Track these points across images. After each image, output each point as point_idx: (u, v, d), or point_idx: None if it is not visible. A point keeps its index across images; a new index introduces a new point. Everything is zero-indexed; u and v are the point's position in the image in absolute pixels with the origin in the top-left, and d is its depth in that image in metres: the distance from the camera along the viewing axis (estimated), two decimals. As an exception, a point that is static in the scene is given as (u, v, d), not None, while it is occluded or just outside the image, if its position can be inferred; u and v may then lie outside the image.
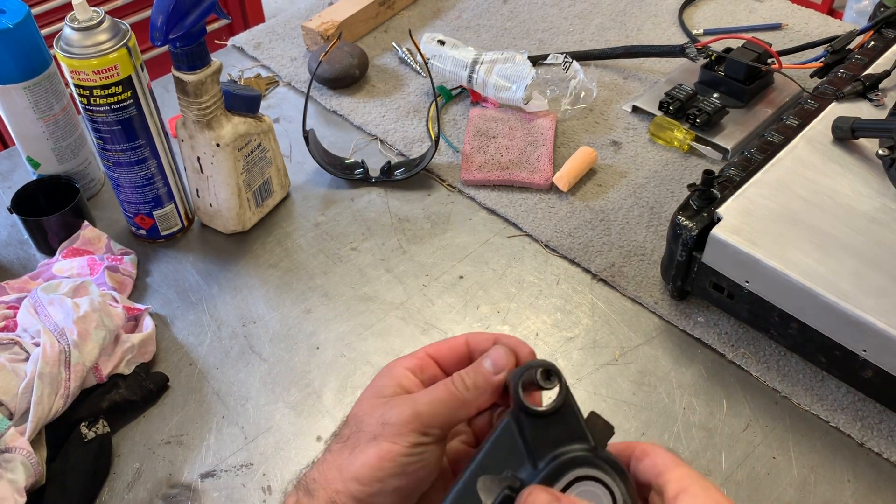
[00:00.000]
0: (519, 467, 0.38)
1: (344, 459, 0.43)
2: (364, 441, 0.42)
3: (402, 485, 0.42)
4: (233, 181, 0.81)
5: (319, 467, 0.44)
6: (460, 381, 0.43)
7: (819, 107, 0.82)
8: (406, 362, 0.46)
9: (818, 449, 0.67)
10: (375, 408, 0.44)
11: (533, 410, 0.38)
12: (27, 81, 0.79)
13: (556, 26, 1.14)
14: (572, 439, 0.38)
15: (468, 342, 0.46)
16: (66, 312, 0.69)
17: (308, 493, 0.43)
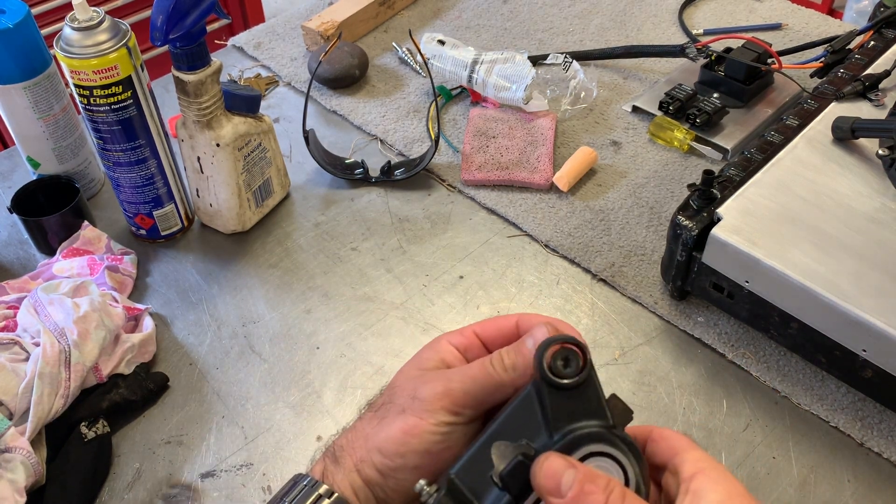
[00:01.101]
0: (535, 437, 0.38)
1: (371, 429, 0.42)
2: (393, 413, 0.42)
3: (424, 463, 0.41)
4: (233, 181, 0.81)
5: (348, 435, 0.43)
6: (499, 361, 0.42)
7: (819, 107, 0.82)
8: (453, 338, 0.45)
9: (818, 449, 0.67)
10: (411, 380, 0.43)
11: (555, 382, 0.38)
12: (27, 81, 0.79)
13: (556, 26, 1.14)
14: (591, 415, 0.38)
15: (519, 323, 0.45)
16: (66, 312, 0.69)
17: (334, 460, 0.42)
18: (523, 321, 0.45)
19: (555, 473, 0.35)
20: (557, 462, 0.36)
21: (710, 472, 0.38)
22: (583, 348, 0.39)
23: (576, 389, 0.38)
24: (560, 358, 0.38)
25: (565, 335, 0.39)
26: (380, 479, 0.42)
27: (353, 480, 0.42)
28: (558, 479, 0.35)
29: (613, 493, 0.35)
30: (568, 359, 0.38)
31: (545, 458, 0.36)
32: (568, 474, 0.35)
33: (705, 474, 0.38)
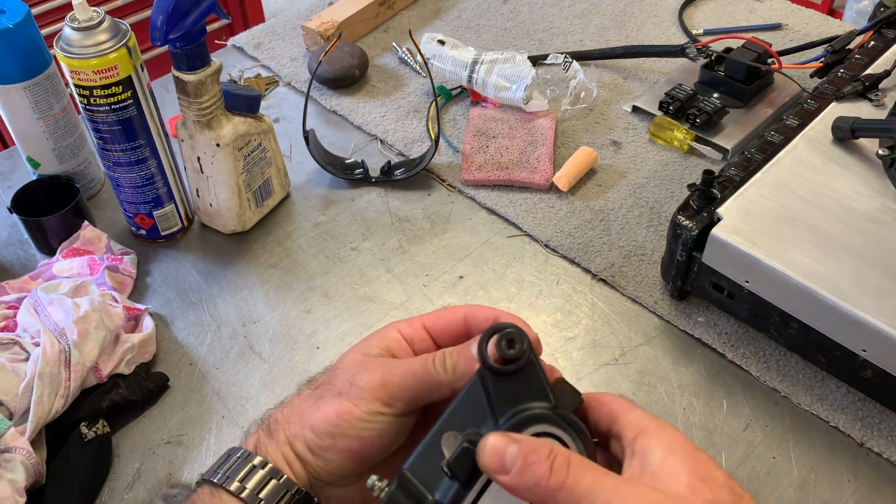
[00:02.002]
0: (482, 425, 0.39)
1: (308, 406, 0.43)
2: (330, 394, 0.42)
3: (353, 447, 0.42)
4: (233, 181, 0.81)
5: (284, 410, 0.44)
6: (441, 361, 0.42)
7: (819, 107, 0.82)
8: (402, 328, 0.46)
9: (818, 449, 0.67)
10: (353, 364, 0.44)
11: (496, 369, 0.39)
12: (27, 81, 0.79)
13: (556, 26, 1.14)
14: (534, 398, 0.39)
15: (466, 317, 0.45)
16: (66, 312, 0.69)
17: (268, 433, 0.43)
18: (471, 316, 0.45)
19: (498, 450, 0.36)
20: (499, 439, 0.36)
21: (650, 430, 0.38)
22: (521, 335, 0.39)
23: (518, 374, 0.39)
24: (503, 341, 0.39)
25: (505, 323, 0.40)
26: (310, 457, 0.42)
27: (286, 453, 0.42)
28: (502, 456, 0.35)
29: (557, 459, 0.35)
30: (511, 340, 0.39)
31: (486, 437, 0.36)
32: (511, 449, 0.35)
33: (646, 433, 0.38)
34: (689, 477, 0.36)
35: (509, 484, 0.35)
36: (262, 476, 0.42)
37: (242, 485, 0.42)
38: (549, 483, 0.35)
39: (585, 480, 0.35)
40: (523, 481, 0.35)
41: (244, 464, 0.42)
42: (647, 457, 0.37)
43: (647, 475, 0.36)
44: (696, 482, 0.35)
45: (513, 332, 0.39)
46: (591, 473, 0.35)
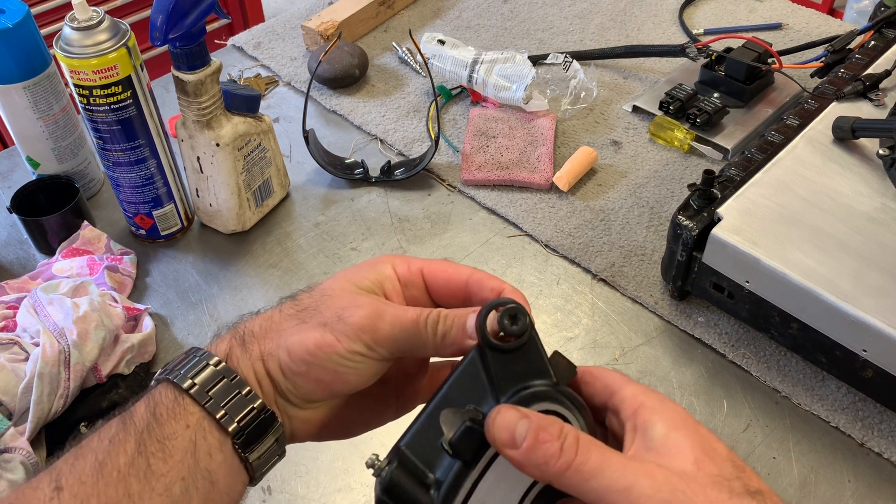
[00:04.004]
0: (482, 402, 0.38)
1: (288, 327, 0.42)
2: (314, 322, 0.41)
3: (326, 379, 0.41)
4: (232, 181, 0.81)
5: (262, 322, 0.43)
6: (433, 323, 0.41)
7: (819, 107, 0.82)
8: (399, 266, 0.44)
9: (819, 449, 0.67)
10: (344, 295, 0.42)
11: (497, 346, 0.38)
12: (27, 81, 0.79)
13: (556, 26, 1.14)
14: (535, 375, 0.38)
15: (469, 282, 0.44)
16: (66, 312, 0.69)
17: (242, 344, 0.42)
18: (475, 281, 0.44)
19: (508, 425, 0.35)
20: (510, 414, 0.36)
21: (650, 404, 0.38)
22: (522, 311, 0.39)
23: (518, 351, 0.38)
24: (506, 317, 0.38)
25: (505, 299, 0.39)
26: (280, 377, 0.41)
27: (258, 369, 0.41)
28: (512, 431, 0.35)
29: (567, 438, 0.35)
30: (514, 317, 0.38)
31: (497, 411, 0.36)
32: (521, 424, 0.35)
33: (646, 407, 0.37)
34: (694, 452, 0.35)
35: (518, 459, 0.35)
36: (228, 388, 0.40)
37: (208, 395, 0.40)
38: (560, 462, 0.34)
39: (593, 459, 0.34)
40: (533, 458, 0.35)
41: (217, 376, 0.40)
42: (648, 431, 0.36)
43: (652, 452, 0.36)
44: (702, 457, 0.35)
45: (515, 308, 0.38)
46: (598, 452, 0.35)
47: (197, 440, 0.38)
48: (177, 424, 0.38)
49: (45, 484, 0.36)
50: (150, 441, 0.38)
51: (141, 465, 0.37)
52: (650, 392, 0.38)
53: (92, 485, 0.36)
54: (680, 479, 0.34)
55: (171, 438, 0.38)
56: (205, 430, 0.39)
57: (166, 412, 0.39)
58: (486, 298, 0.43)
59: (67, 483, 0.36)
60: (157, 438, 0.38)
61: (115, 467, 0.36)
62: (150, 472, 0.37)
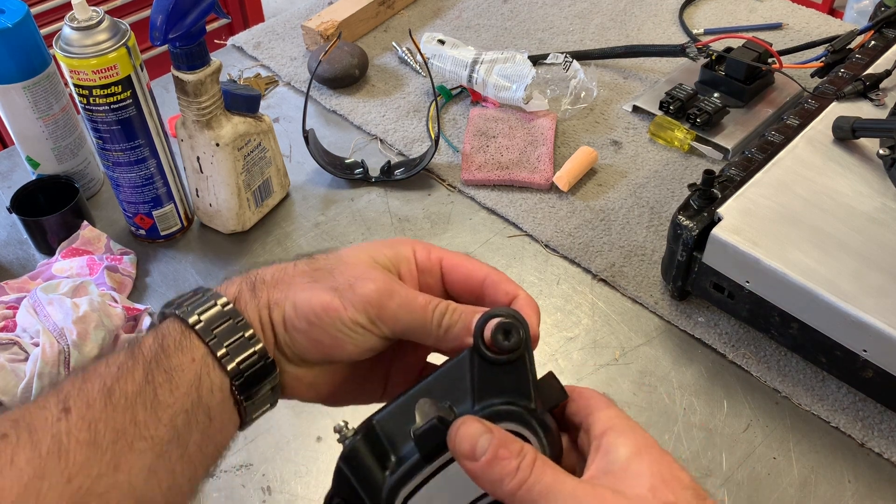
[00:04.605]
0: (460, 402, 0.39)
1: (300, 282, 0.42)
2: (325, 284, 0.41)
3: (324, 342, 0.41)
4: (232, 181, 0.81)
5: (275, 272, 0.43)
6: (440, 314, 0.41)
7: (819, 106, 0.82)
8: (419, 251, 0.44)
9: (819, 449, 0.67)
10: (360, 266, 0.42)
11: (486, 356, 0.39)
12: (26, 81, 0.79)
13: (556, 26, 1.14)
14: (516, 394, 0.38)
15: (486, 282, 0.44)
16: (66, 312, 0.69)
17: (252, 289, 0.42)
18: (491, 283, 0.43)
19: (471, 437, 0.36)
20: (475, 426, 0.36)
21: (619, 428, 0.38)
22: (524, 327, 0.38)
23: (505, 366, 0.38)
24: (500, 331, 0.38)
25: (508, 311, 0.39)
26: (281, 330, 0.41)
27: (263, 317, 0.41)
28: (474, 443, 0.35)
29: (525, 458, 0.35)
30: (508, 332, 0.38)
31: (462, 421, 0.36)
32: (483, 438, 0.35)
33: (615, 430, 0.38)
34: (652, 479, 0.35)
35: (475, 471, 0.36)
36: (233, 329, 0.40)
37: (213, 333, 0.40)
38: (514, 481, 0.35)
39: (545, 481, 0.35)
40: (489, 473, 0.35)
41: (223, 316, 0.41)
42: (610, 454, 0.37)
43: (609, 475, 0.36)
44: (659, 484, 0.35)
45: (512, 324, 0.38)
46: (552, 475, 0.35)
47: (202, 375, 0.39)
48: (183, 357, 0.39)
49: (51, 404, 0.36)
50: (157, 371, 0.38)
51: (148, 394, 0.37)
52: (625, 418, 0.39)
53: (100, 409, 0.36)
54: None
55: (178, 371, 0.38)
56: (208, 366, 0.39)
57: (173, 344, 0.39)
58: (499, 301, 0.43)
59: (75, 405, 0.36)
60: (165, 369, 0.38)
61: (123, 394, 0.37)
62: (157, 401, 0.37)
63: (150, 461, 0.36)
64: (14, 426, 0.35)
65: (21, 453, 0.34)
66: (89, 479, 0.34)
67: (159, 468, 0.37)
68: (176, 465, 0.37)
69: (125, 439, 0.36)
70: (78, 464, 0.34)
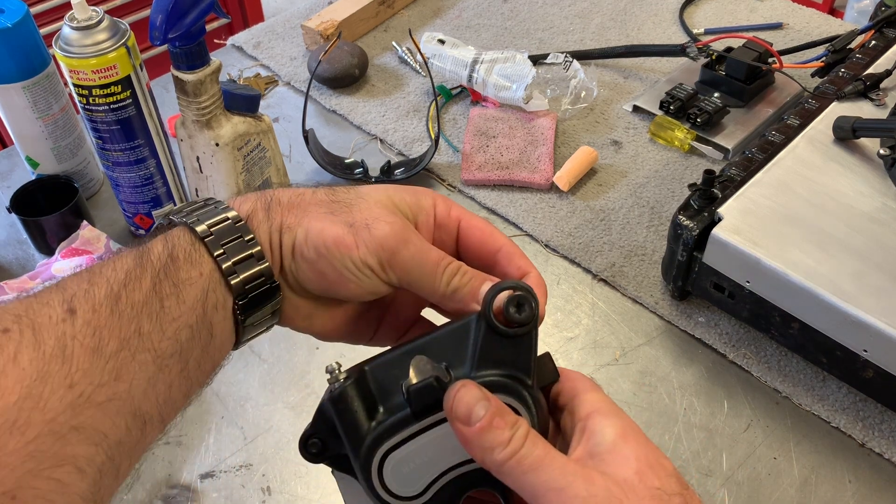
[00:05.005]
0: (457, 366, 0.39)
1: (316, 210, 0.41)
2: (341, 217, 0.41)
3: (329, 275, 0.41)
4: (232, 181, 0.81)
5: (292, 195, 0.42)
6: (451, 274, 0.41)
7: (820, 106, 0.82)
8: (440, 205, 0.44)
9: (819, 449, 0.67)
10: (380, 207, 0.41)
11: (494, 326, 0.38)
12: (26, 81, 0.79)
13: (557, 25, 1.14)
14: (515, 367, 0.38)
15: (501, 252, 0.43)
16: (65, 312, 0.68)
17: (266, 209, 0.41)
18: (504, 254, 0.43)
19: (469, 402, 0.36)
20: (474, 391, 0.36)
21: (604, 410, 0.38)
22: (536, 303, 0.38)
23: (511, 339, 0.38)
24: (513, 304, 0.38)
25: (523, 284, 0.38)
26: (289, 255, 0.41)
27: (273, 239, 0.41)
28: (471, 408, 0.35)
29: (519, 431, 0.35)
30: (521, 306, 0.38)
31: (463, 384, 0.36)
32: (480, 405, 0.35)
33: (600, 413, 0.38)
34: (638, 463, 0.35)
35: (468, 436, 0.36)
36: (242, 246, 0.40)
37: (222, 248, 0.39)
38: (505, 451, 0.35)
39: (535, 454, 0.35)
40: (482, 440, 0.35)
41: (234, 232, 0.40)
42: (596, 436, 0.37)
43: (595, 457, 0.36)
44: (645, 469, 0.35)
45: (526, 297, 0.38)
46: (543, 450, 0.35)
47: (208, 291, 0.38)
48: (193, 270, 0.38)
49: (56, 301, 0.35)
50: (165, 282, 0.37)
51: (155, 306, 0.36)
52: (608, 401, 0.39)
53: (106, 316, 0.35)
54: (618, 488, 0.34)
55: (186, 284, 0.38)
56: (216, 282, 0.39)
57: (183, 255, 0.38)
58: (509, 274, 0.43)
59: (81, 307, 0.35)
60: (173, 281, 0.37)
61: (130, 302, 0.36)
62: (163, 313, 0.37)
63: (151, 374, 0.36)
64: (17, 321, 0.34)
65: (24, 352, 0.33)
66: (91, 387, 0.33)
67: (158, 381, 0.36)
68: (175, 380, 0.37)
69: (128, 349, 0.35)
70: (81, 370, 0.33)
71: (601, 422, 0.37)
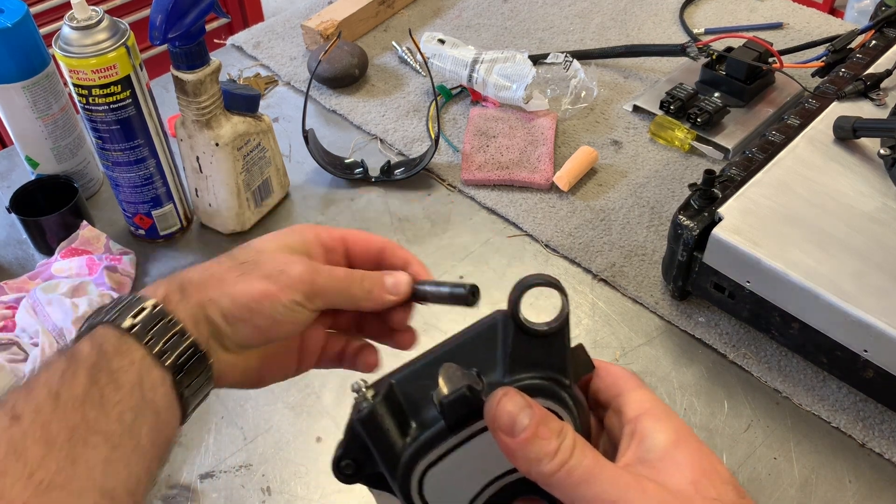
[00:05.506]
0: (488, 371, 0.37)
1: (231, 277, 0.44)
2: (257, 275, 0.44)
3: (265, 326, 0.44)
4: (232, 181, 0.81)
5: (201, 273, 0.45)
6: (359, 281, 0.46)
7: (820, 106, 0.82)
8: (322, 236, 0.48)
9: (819, 449, 0.67)
10: (280, 253, 0.46)
11: (525, 328, 0.36)
12: (26, 81, 0.79)
13: (557, 25, 1.14)
14: (550, 367, 0.37)
15: (383, 252, 0.49)
16: (65, 312, 0.68)
17: (181, 291, 0.44)
18: (388, 251, 0.48)
19: (511, 411, 0.34)
20: (517, 399, 0.34)
21: (655, 412, 0.37)
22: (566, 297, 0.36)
23: (544, 338, 0.37)
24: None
25: (548, 277, 0.37)
26: (222, 323, 0.43)
27: (196, 314, 0.43)
28: (514, 417, 0.34)
29: (566, 440, 0.34)
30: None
31: (504, 392, 0.35)
32: (524, 414, 0.34)
33: (650, 414, 0.36)
34: (693, 471, 0.34)
35: (512, 447, 0.34)
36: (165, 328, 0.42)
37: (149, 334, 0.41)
38: (553, 462, 0.33)
39: (585, 465, 0.33)
40: (528, 450, 0.34)
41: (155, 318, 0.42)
42: (646, 441, 0.35)
43: (646, 464, 0.35)
44: (700, 477, 0.34)
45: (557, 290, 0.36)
46: (593, 459, 0.34)
47: (143, 374, 0.40)
48: (123, 360, 0.40)
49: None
50: (100, 374, 0.39)
51: (95, 395, 0.38)
52: (657, 401, 0.37)
53: (50, 412, 0.37)
54: (674, 498, 0.33)
55: (120, 372, 0.39)
56: (149, 366, 0.41)
57: (112, 349, 0.40)
58: (395, 265, 0.48)
59: (24, 411, 0.36)
60: (107, 371, 0.39)
61: (71, 396, 0.37)
62: (105, 400, 0.38)
63: (106, 454, 0.37)
64: None
65: None
66: (49, 473, 0.35)
67: (115, 460, 0.37)
68: (131, 457, 0.38)
69: (79, 435, 0.36)
70: (36, 460, 0.35)
71: (652, 425, 0.36)
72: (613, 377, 0.39)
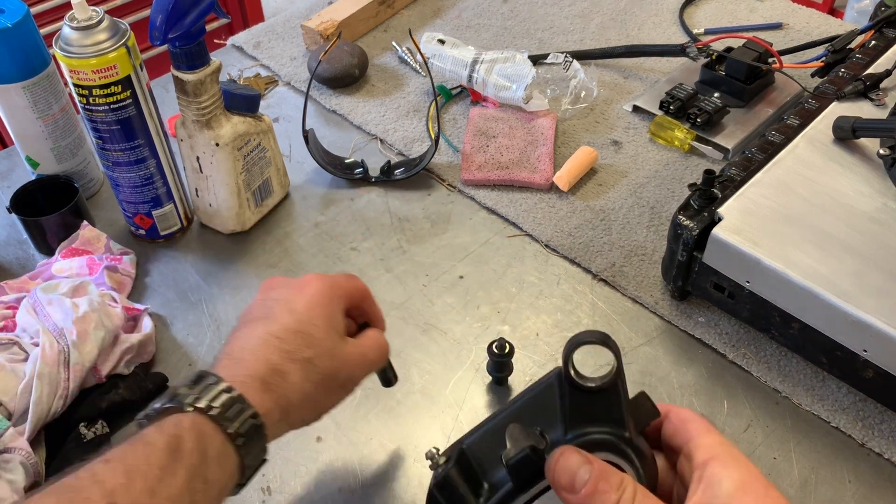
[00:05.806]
0: (550, 428, 0.38)
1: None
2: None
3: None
4: (232, 181, 0.81)
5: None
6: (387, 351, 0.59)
7: (820, 106, 0.82)
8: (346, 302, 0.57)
9: (819, 449, 0.67)
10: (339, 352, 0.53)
11: (577, 385, 0.38)
12: (26, 81, 0.79)
13: (557, 25, 1.14)
14: (608, 421, 0.38)
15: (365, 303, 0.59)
16: (66, 312, 0.68)
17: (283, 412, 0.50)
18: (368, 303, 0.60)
19: (570, 468, 0.35)
20: (574, 457, 0.36)
21: (724, 458, 0.37)
22: (615, 352, 0.38)
23: (597, 393, 0.38)
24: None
25: (596, 333, 0.38)
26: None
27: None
28: (573, 474, 0.35)
29: (626, 492, 0.35)
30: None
31: (561, 452, 0.36)
32: (583, 470, 0.35)
33: (718, 461, 0.37)
34: None
35: (574, 503, 0.35)
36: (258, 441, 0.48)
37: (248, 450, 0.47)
38: None
39: None
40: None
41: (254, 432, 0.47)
42: (713, 486, 0.36)
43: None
44: None
45: (606, 348, 0.37)
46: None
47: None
48: (222, 472, 0.44)
49: (96, 496, 0.39)
50: (197, 480, 0.42)
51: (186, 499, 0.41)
52: (728, 446, 0.38)
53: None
54: None
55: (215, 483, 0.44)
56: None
57: (216, 456, 0.44)
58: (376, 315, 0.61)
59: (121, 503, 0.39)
60: (203, 479, 0.42)
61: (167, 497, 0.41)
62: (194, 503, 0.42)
63: None
64: None
65: None
66: None
67: None
68: None
69: None
70: None
71: (719, 472, 0.37)
72: (683, 422, 0.40)
